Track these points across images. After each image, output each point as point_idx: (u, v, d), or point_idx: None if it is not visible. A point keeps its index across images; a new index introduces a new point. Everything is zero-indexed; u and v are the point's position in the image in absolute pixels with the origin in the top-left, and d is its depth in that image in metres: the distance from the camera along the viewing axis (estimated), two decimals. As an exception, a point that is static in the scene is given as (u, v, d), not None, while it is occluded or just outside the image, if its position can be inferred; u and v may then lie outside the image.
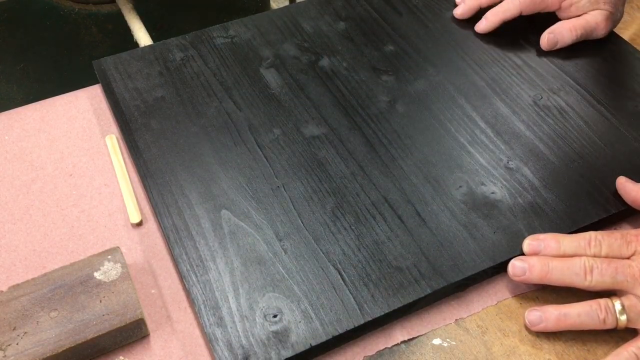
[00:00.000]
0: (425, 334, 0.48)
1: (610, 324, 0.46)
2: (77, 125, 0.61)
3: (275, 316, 0.46)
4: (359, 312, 0.46)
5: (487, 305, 0.49)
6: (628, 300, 0.46)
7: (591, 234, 0.49)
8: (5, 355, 0.42)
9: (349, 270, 0.49)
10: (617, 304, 0.46)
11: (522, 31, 0.69)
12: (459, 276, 0.48)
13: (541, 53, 0.66)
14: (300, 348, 0.45)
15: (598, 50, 0.67)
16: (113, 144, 0.59)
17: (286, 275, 0.48)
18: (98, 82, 0.64)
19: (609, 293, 0.48)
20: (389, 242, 0.50)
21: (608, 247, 0.48)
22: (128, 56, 0.65)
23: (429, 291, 0.48)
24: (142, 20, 0.89)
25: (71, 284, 0.46)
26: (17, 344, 0.43)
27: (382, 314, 0.46)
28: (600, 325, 0.46)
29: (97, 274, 0.47)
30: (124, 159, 0.58)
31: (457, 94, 0.62)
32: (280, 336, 0.45)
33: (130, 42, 0.87)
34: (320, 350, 0.46)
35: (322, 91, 0.62)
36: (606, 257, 0.48)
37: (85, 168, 0.57)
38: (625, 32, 0.73)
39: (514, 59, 0.66)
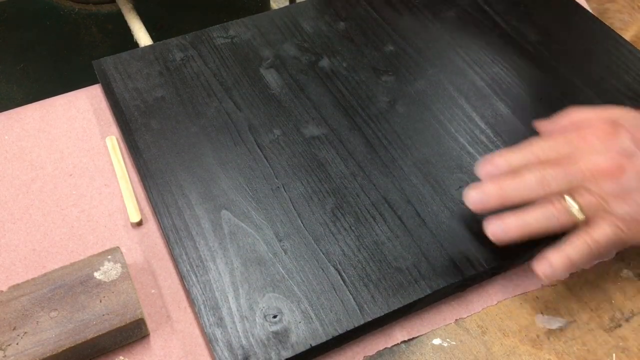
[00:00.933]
0: (425, 334, 0.48)
1: (567, 221, 0.46)
2: (77, 125, 0.61)
3: (275, 316, 0.46)
4: (358, 312, 0.46)
5: (487, 305, 0.49)
6: (579, 195, 0.46)
7: (533, 142, 0.49)
8: (5, 355, 0.42)
9: (349, 271, 0.49)
10: (573, 203, 0.46)
11: (522, 31, 0.69)
12: (458, 277, 0.48)
13: (543, 54, 0.66)
14: (300, 348, 0.45)
15: (599, 49, 0.67)
16: (113, 144, 0.59)
17: (286, 276, 0.48)
18: (98, 82, 0.64)
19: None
20: (388, 242, 0.50)
21: (552, 150, 0.48)
22: (128, 56, 0.65)
23: (428, 292, 0.48)
24: (142, 20, 0.89)
25: (71, 284, 0.46)
26: (17, 344, 0.43)
27: (382, 314, 0.46)
28: (559, 227, 0.46)
29: (97, 274, 0.47)
30: (124, 159, 0.58)
31: (457, 94, 0.62)
32: (280, 336, 0.45)
33: (130, 42, 0.87)
34: (320, 351, 0.46)
35: (322, 91, 0.62)
36: (553, 159, 0.48)
37: (85, 168, 0.57)
38: (627, 33, 0.73)
39: (514, 59, 0.66)
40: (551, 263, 0.46)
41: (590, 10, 0.72)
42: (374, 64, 0.65)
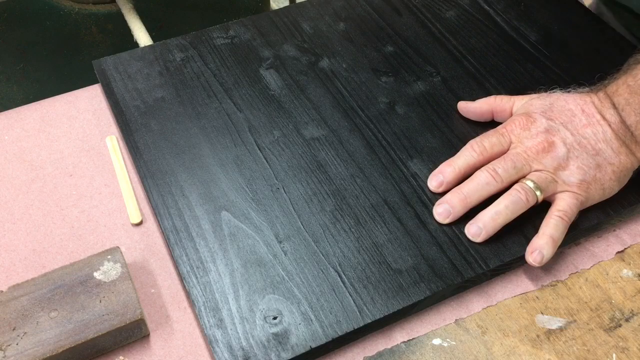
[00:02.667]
0: (425, 334, 0.48)
1: (532, 201, 0.51)
2: (77, 125, 0.61)
3: (275, 318, 0.46)
4: (358, 314, 0.46)
5: (487, 305, 0.49)
6: (533, 176, 0.52)
7: (470, 142, 0.54)
8: (5, 356, 0.42)
9: (349, 273, 0.49)
10: (529, 182, 0.51)
11: (522, 31, 0.69)
12: (458, 278, 0.49)
13: (543, 54, 0.66)
14: (300, 350, 0.45)
15: (601, 50, 0.67)
16: (113, 144, 0.59)
17: (286, 277, 0.48)
18: (98, 82, 0.64)
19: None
20: (388, 244, 0.50)
21: (490, 145, 0.54)
22: (128, 56, 0.65)
23: (428, 293, 0.48)
24: (142, 20, 0.89)
25: (71, 284, 0.46)
26: (17, 344, 0.43)
27: (382, 316, 0.46)
28: (526, 205, 0.51)
29: (97, 274, 0.47)
30: (124, 159, 0.58)
31: (457, 95, 0.62)
32: (280, 338, 0.45)
33: (130, 42, 0.87)
34: (320, 352, 0.46)
35: (322, 92, 0.62)
36: (493, 154, 0.53)
37: (85, 168, 0.57)
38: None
39: (515, 59, 0.66)
40: (540, 249, 0.49)
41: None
42: (374, 65, 0.65)
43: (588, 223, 0.52)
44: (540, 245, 0.49)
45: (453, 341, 0.47)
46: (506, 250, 0.50)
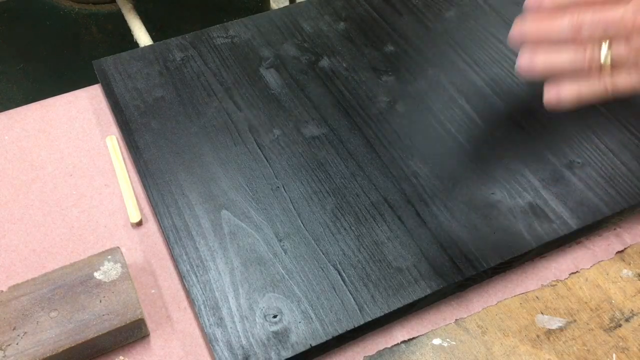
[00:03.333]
0: (425, 334, 0.48)
1: (594, 69, 0.44)
2: (77, 125, 0.61)
3: (275, 316, 0.46)
4: (358, 312, 0.46)
5: (487, 305, 0.49)
6: (618, 50, 0.44)
7: None
8: (5, 355, 0.42)
9: (349, 271, 0.49)
10: (604, 48, 0.44)
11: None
12: (458, 277, 0.48)
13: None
14: (300, 348, 0.45)
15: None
16: (113, 144, 0.59)
17: (286, 276, 0.48)
18: (98, 82, 0.64)
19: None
20: (388, 242, 0.50)
21: None
22: (128, 56, 0.65)
23: (428, 292, 0.48)
24: (142, 20, 0.89)
25: (71, 284, 0.46)
26: (17, 344, 0.43)
27: (382, 314, 0.46)
28: (583, 70, 0.45)
29: (97, 274, 0.47)
30: (124, 159, 0.58)
31: (457, 94, 0.62)
32: (280, 336, 0.45)
33: (130, 42, 0.87)
34: (320, 351, 0.46)
35: (322, 91, 0.62)
36: (600, 2, 0.44)
37: (86, 168, 0.57)
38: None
39: (513, 59, 0.66)
40: (559, 91, 0.45)
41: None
42: (374, 64, 0.65)
43: (590, 220, 0.52)
44: (563, 91, 0.45)
45: (453, 341, 0.47)
46: (507, 249, 0.50)
